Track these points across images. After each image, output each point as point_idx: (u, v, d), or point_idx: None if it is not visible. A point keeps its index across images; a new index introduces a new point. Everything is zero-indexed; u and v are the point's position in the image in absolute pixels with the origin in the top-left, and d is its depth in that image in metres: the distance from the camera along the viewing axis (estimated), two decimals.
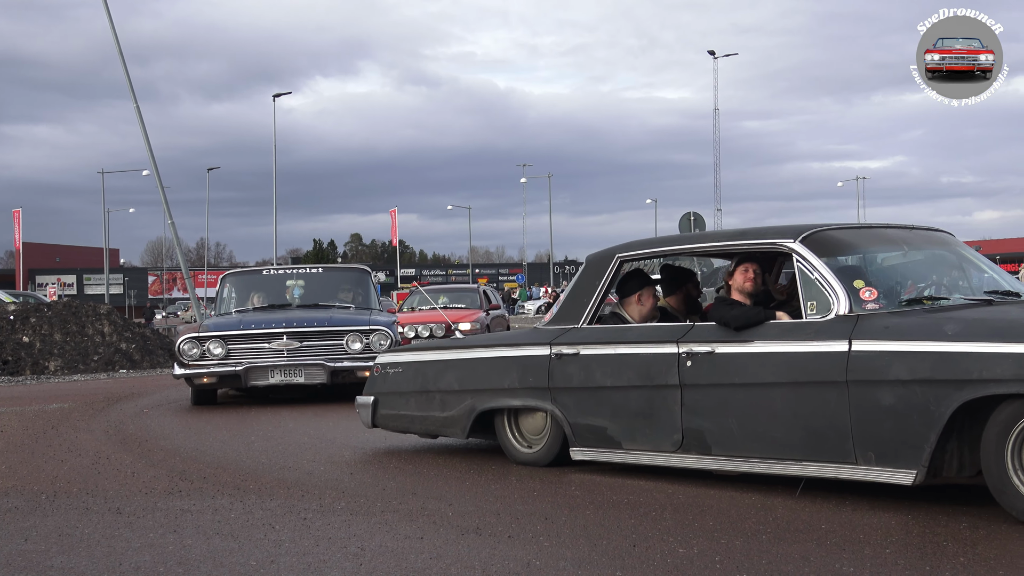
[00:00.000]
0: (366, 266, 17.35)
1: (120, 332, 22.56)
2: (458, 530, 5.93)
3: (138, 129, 27.59)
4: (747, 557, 5.22)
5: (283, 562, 5.31)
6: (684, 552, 5.34)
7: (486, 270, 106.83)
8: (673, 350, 6.92)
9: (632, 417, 7.15)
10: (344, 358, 13.16)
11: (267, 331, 13.15)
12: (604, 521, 6.10)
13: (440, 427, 8.34)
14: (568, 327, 7.65)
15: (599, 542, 5.60)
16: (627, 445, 7.21)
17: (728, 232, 7.65)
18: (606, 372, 7.28)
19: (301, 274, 15.57)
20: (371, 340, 13.20)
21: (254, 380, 13.03)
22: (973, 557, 5.11)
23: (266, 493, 7.20)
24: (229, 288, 14.99)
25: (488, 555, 5.35)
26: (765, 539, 5.58)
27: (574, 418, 7.45)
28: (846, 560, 5.12)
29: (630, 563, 5.16)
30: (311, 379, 13.05)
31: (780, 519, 6.02)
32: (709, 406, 6.76)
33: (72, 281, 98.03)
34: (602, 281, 7.65)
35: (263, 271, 15.84)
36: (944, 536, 5.54)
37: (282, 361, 13.05)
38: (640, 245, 7.87)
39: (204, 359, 13.04)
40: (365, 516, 6.36)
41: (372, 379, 8.84)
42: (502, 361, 7.97)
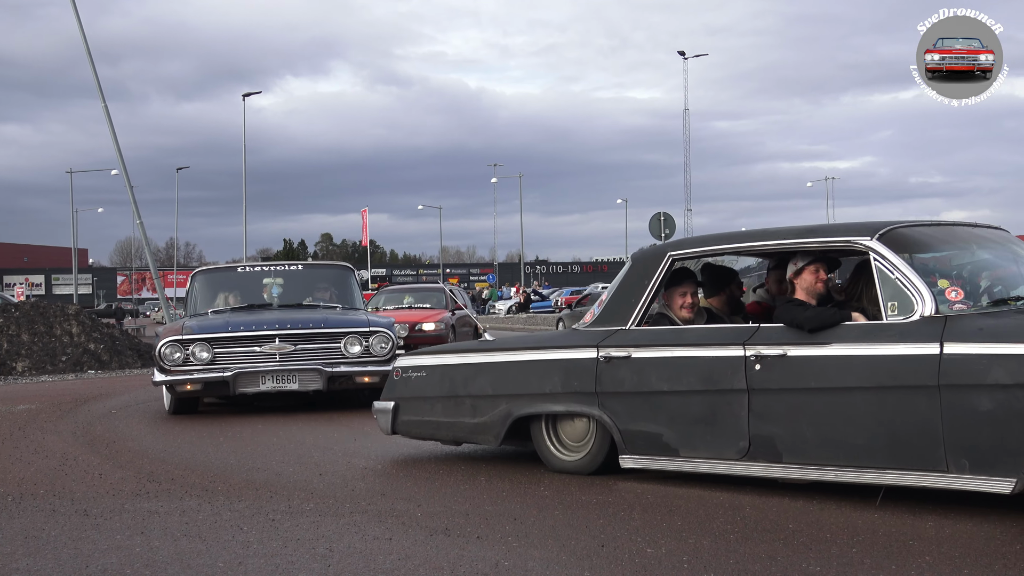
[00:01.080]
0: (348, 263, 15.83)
1: (88, 333, 22.41)
2: (427, 531, 5.92)
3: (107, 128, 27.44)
4: (715, 557, 5.24)
5: (251, 563, 5.30)
6: (652, 552, 5.35)
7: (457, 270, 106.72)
8: (739, 353, 6.59)
9: (692, 423, 6.80)
10: (341, 362, 12.02)
11: (258, 333, 11.97)
12: (573, 521, 6.11)
13: (470, 434, 7.93)
14: (615, 329, 7.29)
15: (567, 542, 5.61)
16: (685, 452, 6.84)
17: (793, 229, 7.16)
18: (662, 376, 6.93)
19: (279, 271, 14.13)
20: (371, 343, 12.11)
21: (243, 387, 11.88)
22: (939, 556, 5.15)
23: (234, 494, 7.17)
24: (200, 286, 13.81)
25: (457, 556, 5.35)
26: (733, 539, 5.60)
27: (625, 424, 7.08)
28: (812, 559, 5.14)
29: (598, 563, 5.17)
30: (306, 385, 11.94)
31: (748, 519, 6.05)
32: (780, 412, 6.43)
33: (40, 281, 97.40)
34: (653, 281, 7.30)
35: (237, 268, 14.70)
36: (910, 535, 5.57)
37: (274, 366, 11.90)
38: (693, 243, 7.56)
39: (188, 364, 11.85)
40: (334, 517, 6.35)
41: (392, 383, 8.37)
42: (542, 364, 7.56)
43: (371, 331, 12.15)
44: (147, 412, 12.80)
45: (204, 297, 13.62)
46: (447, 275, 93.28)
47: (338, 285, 14.03)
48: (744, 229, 7.53)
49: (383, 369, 11.62)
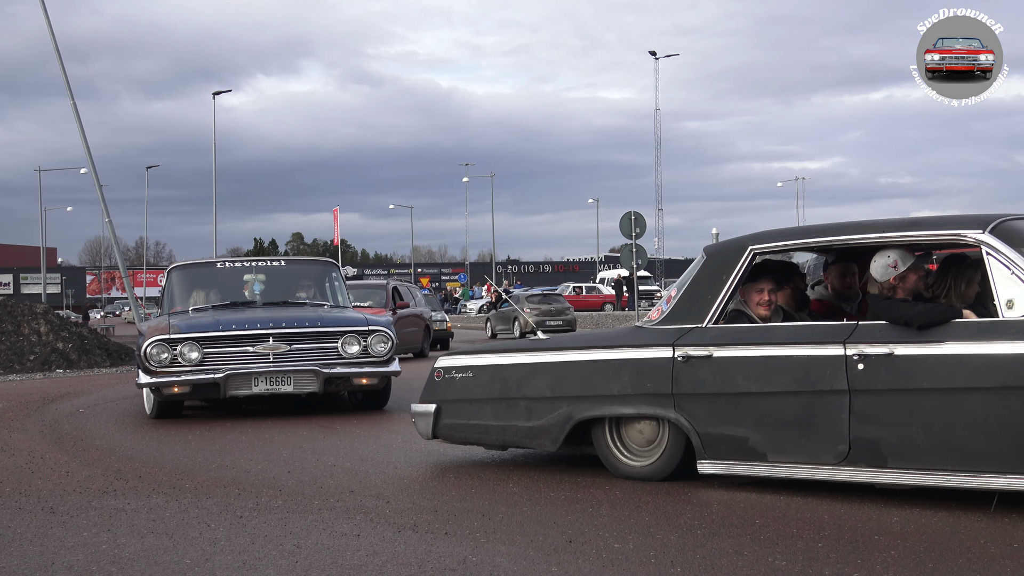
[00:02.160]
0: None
1: (57, 332, 22.29)
2: (395, 527, 5.92)
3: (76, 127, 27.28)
4: (681, 552, 5.26)
5: (218, 560, 5.28)
6: (619, 547, 5.37)
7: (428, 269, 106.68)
8: (839, 352, 6.24)
9: (783, 426, 6.44)
10: (338, 363, 11.42)
11: (251, 332, 11.31)
12: (541, 517, 6.11)
13: (524, 438, 7.46)
14: (690, 327, 6.88)
15: (535, 538, 5.62)
16: (774, 457, 6.48)
17: (894, 222, 6.75)
18: (750, 376, 6.54)
19: (261, 267, 13.32)
20: (369, 342, 11.54)
21: (234, 389, 11.19)
22: (904, 550, 5.18)
23: (202, 492, 7.15)
24: (178, 282, 13.01)
25: (424, 552, 5.35)
26: (700, 534, 5.62)
27: (705, 428, 6.68)
28: (779, 554, 5.17)
29: (565, 558, 5.18)
30: (301, 387, 11.30)
31: (715, 514, 6.07)
32: (887, 414, 6.11)
33: (8, 280, 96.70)
34: (732, 276, 6.89)
35: (217, 263, 13.86)
36: (876, 530, 5.61)
37: (268, 367, 11.22)
38: (776, 236, 7.10)
39: (175, 365, 11.14)
40: (302, 514, 6.34)
41: (433, 385, 7.89)
42: (608, 364, 7.13)
43: (370, 330, 11.59)
44: (115, 411, 12.75)
45: (182, 294, 12.85)
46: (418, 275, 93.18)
47: (323, 282, 13.35)
48: (821, 223, 7.17)
49: (382, 370, 11.51)
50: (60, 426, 11.21)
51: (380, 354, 11.55)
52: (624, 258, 28.94)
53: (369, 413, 11.74)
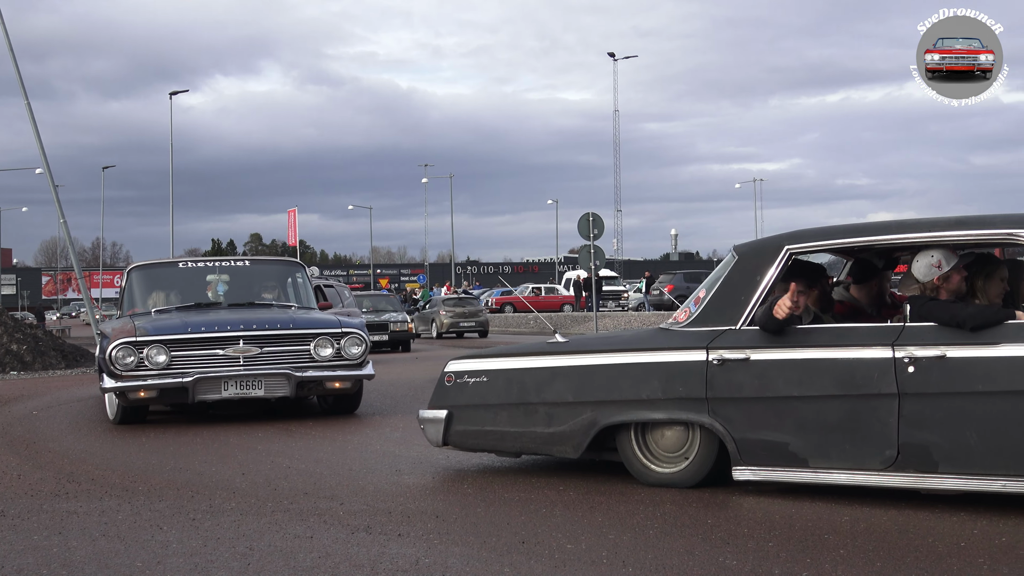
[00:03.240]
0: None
1: (11, 333, 22.08)
2: (348, 529, 5.92)
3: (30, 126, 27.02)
4: (633, 551, 5.29)
5: (170, 563, 5.26)
6: (572, 548, 5.39)
7: (388, 270, 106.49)
8: (887, 354, 6.09)
9: (826, 431, 6.26)
10: (310, 366, 11.09)
11: (220, 335, 10.94)
12: (494, 518, 6.13)
13: (543, 445, 7.18)
14: (723, 329, 6.67)
15: (488, 539, 5.63)
16: (816, 463, 6.29)
17: (939, 221, 6.60)
18: (791, 380, 6.37)
19: (225, 267, 12.89)
20: (342, 345, 11.20)
21: (203, 394, 10.83)
22: (853, 549, 5.24)
23: (155, 494, 7.11)
24: (138, 283, 12.58)
25: (377, 553, 5.35)
26: (652, 534, 5.66)
27: (741, 433, 6.47)
28: (729, 553, 5.21)
29: (518, 559, 5.19)
30: (272, 391, 10.96)
31: (668, 514, 6.11)
32: (939, 418, 5.96)
33: None
34: (767, 276, 6.68)
35: (179, 263, 13.45)
36: (826, 529, 5.67)
37: (238, 370, 10.86)
38: (814, 235, 6.91)
39: (142, 368, 10.74)
40: (255, 516, 6.32)
41: (444, 390, 7.59)
42: (636, 368, 6.89)
43: (343, 332, 11.27)
44: (70, 413, 12.64)
45: (142, 295, 12.43)
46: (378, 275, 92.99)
47: (288, 283, 13.03)
48: (859, 222, 7.09)
49: (355, 373, 11.25)
50: (12, 429, 11.11)
51: (354, 357, 11.25)
52: (582, 259, 28.95)
53: (325, 415, 11.69)
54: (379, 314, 27.50)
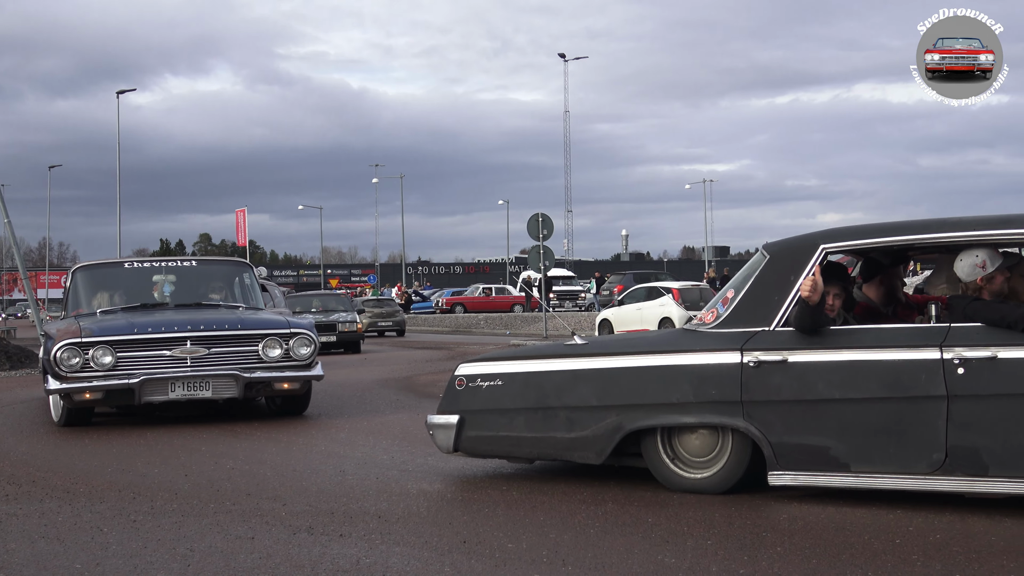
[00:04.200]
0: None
1: None
2: (290, 529, 5.91)
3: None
4: (574, 550, 5.33)
5: (108, 564, 5.24)
6: (513, 547, 5.42)
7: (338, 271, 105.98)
8: (935, 356, 5.96)
9: (870, 435, 6.11)
10: (259, 367, 10.94)
11: (167, 335, 10.76)
12: (437, 518, 6.15)
13: (563, 450, 6.94)
14: (755, 330, 6.48)
15: (430, 538, 5.65)
16: (858, 467, 6.14)
17: (983, 220, 6.46)
18: (832, 382, 6.20)
19: (171, 268, 12.74)
20: (291, 345, 11.05)
21: (150, 395, 10.64)
22: (790, 547, 5.31)
23: (96, 496, 7.07)
24: (83, 283, 12.37)
25: (319, 554, 5.36)
26: (593, 533, 5.70)
27: (778, 437, 6.28)
28: (668, 552, 5.26)
29: (459, 558, 5.22)
30: (220, 392, 10.82)
31: (609, 513, 6.15)
32: (990, 420, 5.86)
33: None
34: (801, 276, 6.45)
35: (124, 263, 13.19)
36: (764, 527, 5.74)
37: (185, 371, 10.70)
38: (850, 234, 6.73)
39: (87, 370, 10.55)
40: (197, 517, 6.30)
41: (455, 394, 7.27)
42: (665, 371, 6.68)
43: (292, 333, 11.12)
44: (12, 415, 12.50)
45: (87, 295, 12.23)
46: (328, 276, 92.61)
47: (236, 283, 12.82)
48: (897, 220, 6.77)
49: (304, 374, 11.11)
50: None
51: (303, 357, 11.11)
52: (531, 260, 29.02)
53: (271, 417, 11.64)
54: (328, 314, 27.07)
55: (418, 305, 57.30)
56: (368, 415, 11.52)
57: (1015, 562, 4.97)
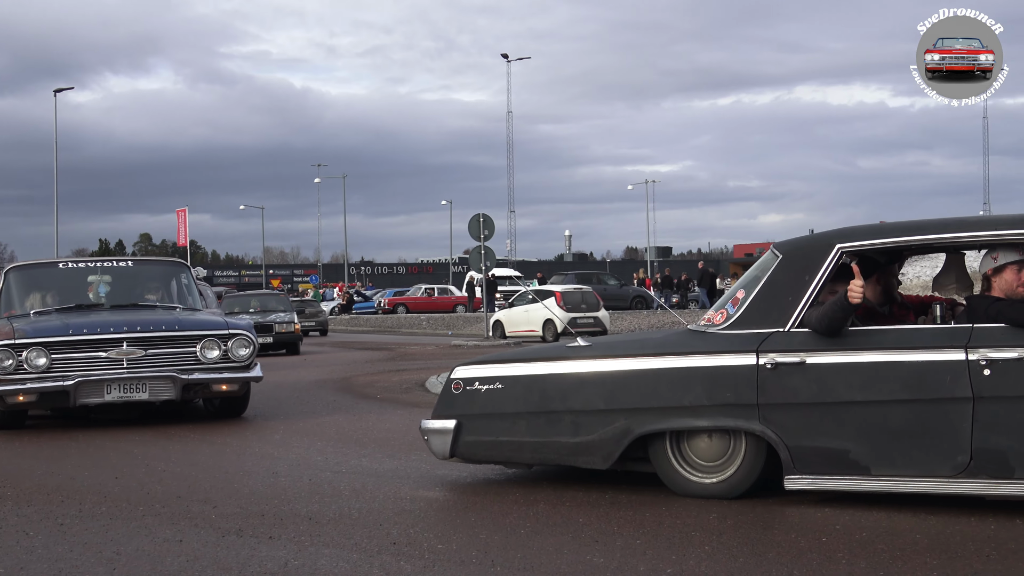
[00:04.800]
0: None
1: None
2: (219, 532, 5.87)
3: None
4: (503, 551, 5.33)
5: (33, 568, 5.18)
6: (443, 548, 5.42)
7: (280, 271, 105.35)
8: (959, 357, 5.86)
9: (892, 437, 6.01)
10: (196, 368, 10.82)
11: (102, 337, 10.60)
12: (368, 520, 6.12)
13: (568, 455, 6.74)
14: (770, 331, 6.33)
15: (360, 540, 5.63)
16: (878, 470, 6.03)
17: (1006, 219, 6.42)
18: (853, 384, 6.09)
19: (106, 268, 12.51)
20: (230, 346, 10.92)
21: (85, 397, 10.49)
22: (718, 546, 5.35)
23: (23, 499, 6.98)
24: (16, 284, 12.10)
25: (247, 556, 5.32)
26: (523, 533, 5.71)
27: (795, 440, 6.15)
28: (598, 551, 5.28)
29: (388, 559, 5.21)
30: (157, 395, 10.65)
31: (541, 514, 6.16)
32: (1017, 422, 5.77)
33: None
34: (817, 276, 6.34)
35: (59, 264, 12.90)
36: (693, 527, 5.77)
37: (121, 373, 10.54)
38: (867, 233, 6.57)
39: (20, 372, 10.34)
40: (125, 520, 6.24)
41: (451, 398, 7.05)
42: (676, 373, 6.50)
43: (230, 334, 11.01)
44: None
45: (20, 296, 11.96)
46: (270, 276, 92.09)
47: (173, 284, 12.60)
48: (916, 219, 6.62)
49: (243, 376, 11.01)
50: None
51: (241, 358, 10.99)
52: (473, 260, 28.97)
53: (205, 419, 11.56)
54: (265, 314, 26.68)
55: (360, 305, 57.12)
56: (304, 416, 11.48)
57: (938, 559, 5.03)
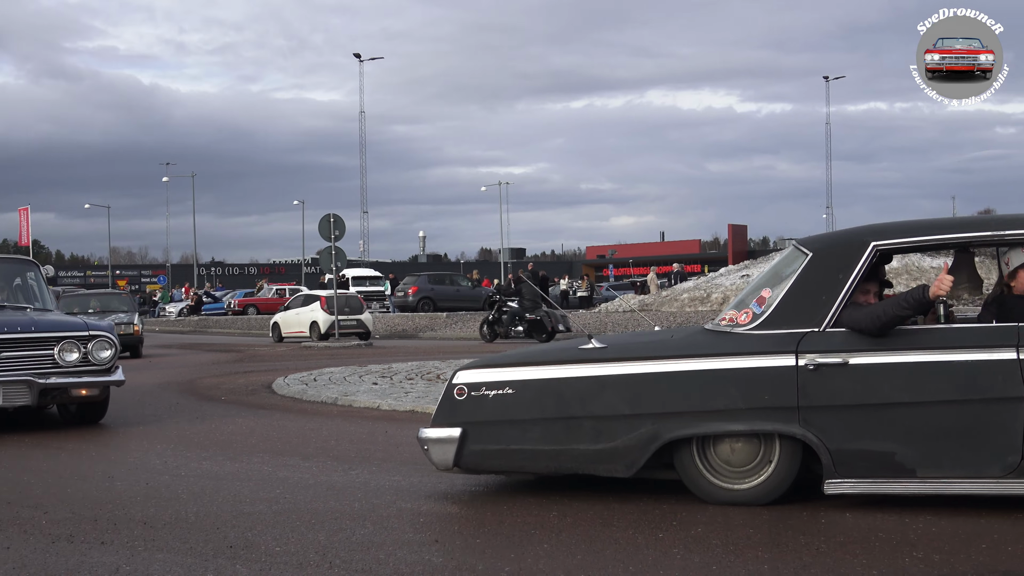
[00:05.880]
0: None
1: None
2: (49, 538, 5.71)
3: None
4: (341, 552, 5.29)
5: None
6: (280, 550, 5.35)
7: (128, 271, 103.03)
8: (1011, 356, 5.79)
9: (939, 439, 5.89)
10: (53, 372, 10.18)
11: None
12: (204, 524, 6.01)
13: (587, 463, 6.37)
14: (805, 331, 6.15)
15: (196, 544, 5.52)
16: (925, 472, 5.89)
17: None
18: (898, 385, 5.96)
19: None
20: (90, 349, 10.36)
21: None
22: (557, 543, 5.42)
23: None
24: None
25: (77, 562, 5.18)
26: (362, 533, 5.67)
27: (838, 443, 5.97)
28: (436, 551, 5.28)
29: (223, 563, 5.12)
30: (11, 400, 10.02)
31: (381, 513, 6.14)
32: None
33: None
34: (852, 275, 6.18)
35: None
36: (534, 525, 5.82)
37: None
38: (903, 231, 6.43)
39: None
40: None
41: (454, 405, 6.57)
42: (707, 375, 6.24)
43: (90, 335, 10.43)
44: None
45: None
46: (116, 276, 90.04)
47: (22, 283, 11.89)
48: (954, 216, 6.36)
49: (104, 380, 10.46)
50: None
51: (103, 361, 10.44)
52: (323, 261, 28.69)
53: (41, 423, 11.21)
54: (104, 315, 25.64)
55: (209, 306, 56.15)
56: (144, 420, 11.23)
57: (769, 552, 5.16)
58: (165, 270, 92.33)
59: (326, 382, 14.40)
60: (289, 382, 14.63)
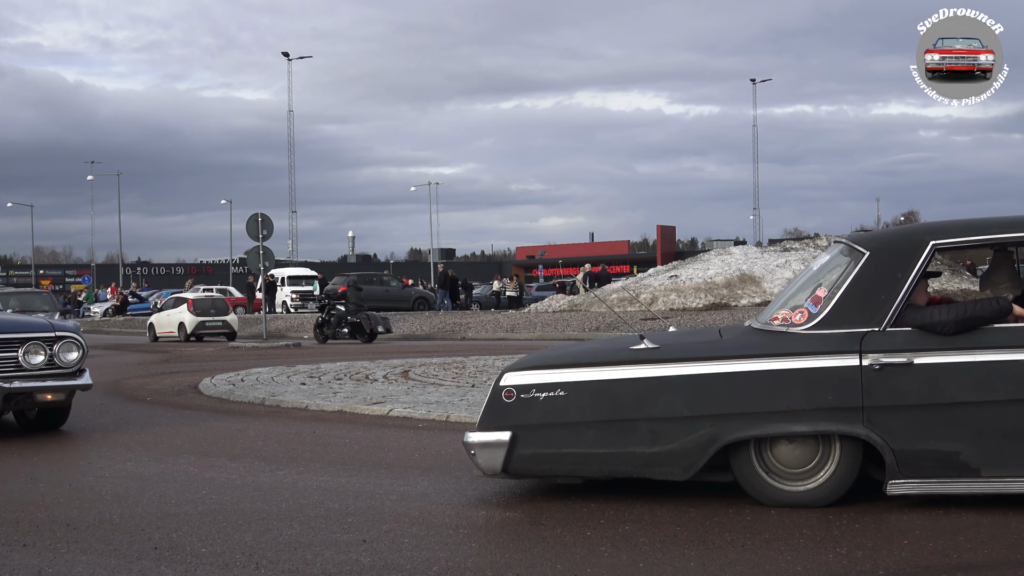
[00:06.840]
0: None
1: None
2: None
3: None
4: (268, 552, 5.26)
5: None
6: (206, 551, 5.32)
7: (52, 271, 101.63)
8: None
9: (1006, 438, 5.86)
10: (18, 375, 9.59)
11: None
12: (129, 526, 5.95)
13: (643, 466, 6.22)
14: (866, 330, 6.08)
15: (120, 545, 5.47)
16: (990, 471, 5.87)
17: None
18: (966, 385, 5.91)
19: None
20: (56, 351, 9.79)
21: None
22: (486, 542, 5.47)
23: None
24: None
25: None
26: (290, 533, 5.64)
27: (902, 444, 5.92)
28: (364, 551, 5.27)
29: (148, 565, 5.08)
30: None
31: (307, 512, 6.10)
32: None
33: None
34: (911, 273, 6.13)
35: None
36: (461, 524, 5.83)
37: None
38: (963, 229, 6.36)
39: None
40: None
41: (503, 407, 6.37)
42: (769, 376, 6.13)
43: (57, 336, 9.86)
44: None
45: None
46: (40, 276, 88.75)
47: None
48: (1014, 215, 6.38)
49: (72, 383, 9.91)
50: None
51: (70, 364, 9.88)
52: (251, 260, 28.52)
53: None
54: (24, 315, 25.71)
55: (135, 307, 55.48)
56: (68, 421, 11.04)
57: (696, 550, 5.21)
58: (90, 270, 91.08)
59: (254, 382, 14.29)
60: (216, 383, 14.50)
